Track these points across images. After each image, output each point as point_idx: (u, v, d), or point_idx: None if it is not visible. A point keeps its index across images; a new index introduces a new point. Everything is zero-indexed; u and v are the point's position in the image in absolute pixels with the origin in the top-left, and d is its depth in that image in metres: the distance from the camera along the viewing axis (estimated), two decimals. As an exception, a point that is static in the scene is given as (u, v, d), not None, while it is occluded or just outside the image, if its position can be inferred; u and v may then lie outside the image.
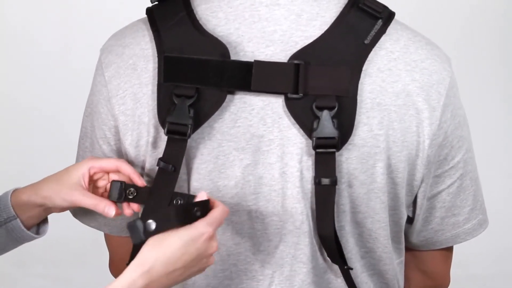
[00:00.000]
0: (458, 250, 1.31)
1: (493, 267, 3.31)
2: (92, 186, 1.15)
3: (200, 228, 1.01)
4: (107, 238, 1.31)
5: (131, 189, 1.12)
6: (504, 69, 3.61)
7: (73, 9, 3.46)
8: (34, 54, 3.45)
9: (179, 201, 1.09)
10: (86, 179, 1.12)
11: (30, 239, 1.19)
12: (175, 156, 1.08)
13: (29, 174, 3.36)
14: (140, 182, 1.11)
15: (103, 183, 1.15)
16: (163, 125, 1.08)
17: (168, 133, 1.07)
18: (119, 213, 1.12)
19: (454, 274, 1.34)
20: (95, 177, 1.14)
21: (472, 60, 3.51)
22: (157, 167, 1.09)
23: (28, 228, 1.17)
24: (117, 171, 1.12)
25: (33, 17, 3.44)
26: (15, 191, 1.17)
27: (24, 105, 3.44)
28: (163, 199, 1.09)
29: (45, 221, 1.20)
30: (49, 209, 1.16)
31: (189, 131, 1.06)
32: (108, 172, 1.14)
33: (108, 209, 1.11)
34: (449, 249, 1.27)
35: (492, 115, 3.56)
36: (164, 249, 0.99)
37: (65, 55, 3.47)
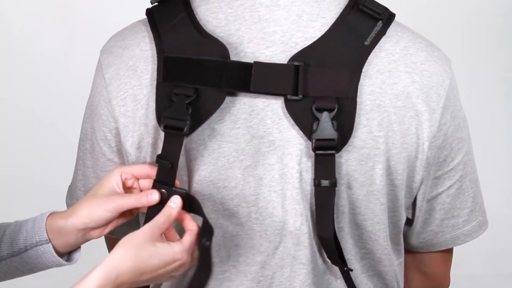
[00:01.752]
0: (458, 251, 1.31)
1: (493, 268, 3.31)
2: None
3: (177, 254, 1.03)
4: (107, 239, 1.31)
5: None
6: (505, 71, 3.61)
7: (72, 12, 3.45)
8: (33, 58, 3.45)
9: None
10: (120, 185, 1.09)
11: (59, 265, 1.14)
12: (172, 152, 1.07)
13: (29, 178, 3.36)
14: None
15: (135, 191, 1.12)
16: (160, 121, 1.07)
17: (165, 128, 1.06)
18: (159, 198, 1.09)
19: (454, 275, 1.34)
20: (127, 185, 1.11)
21: (472, 61, 3.51)
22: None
23: (60, 255, 1.13)
24: (147, 177, 1.10)
25: (32, 20, 3.44)
26: (51, 214, 1.13)
27: (22, 109, 3.43)
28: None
29: (77, 249, 1.15)
30: (89, 234, 1.11)
31: (186, 128, 1.06)
32: (137, 178, 1.11)
33: (151, 196, 1.08)
34: (449, 251, 1.27)
35: (492, 116, 3.56)
36: (136, 262, 1.00)
37: (64, 58, 3.46)
